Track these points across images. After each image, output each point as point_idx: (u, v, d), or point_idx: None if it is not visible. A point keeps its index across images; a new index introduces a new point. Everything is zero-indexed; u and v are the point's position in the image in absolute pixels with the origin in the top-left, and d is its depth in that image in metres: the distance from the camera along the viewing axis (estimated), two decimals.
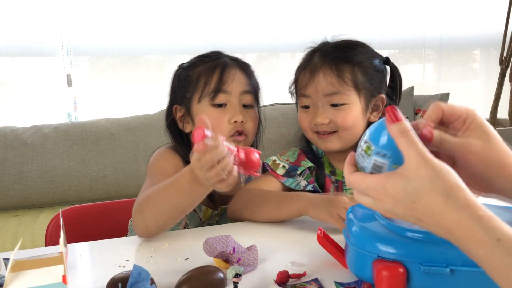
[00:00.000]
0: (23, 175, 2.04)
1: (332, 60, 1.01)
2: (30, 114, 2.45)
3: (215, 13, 2.67)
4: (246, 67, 1.11)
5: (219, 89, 1.04)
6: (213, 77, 1.04)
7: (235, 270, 0.66)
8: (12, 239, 1.80)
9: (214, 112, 1.04)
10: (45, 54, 2.50)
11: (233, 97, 1.05)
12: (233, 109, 1.04)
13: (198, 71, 1.07)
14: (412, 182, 0.51)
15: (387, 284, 0.57)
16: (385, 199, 0.54)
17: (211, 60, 1.08)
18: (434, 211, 0.51)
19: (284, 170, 1.07)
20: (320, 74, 1.01)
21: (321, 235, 0.73)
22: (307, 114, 1.05)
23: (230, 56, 1.12)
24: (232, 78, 1.05)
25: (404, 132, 0.53)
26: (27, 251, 0.86)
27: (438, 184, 0.50)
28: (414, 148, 0.52)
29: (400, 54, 3.24)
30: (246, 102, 1.07)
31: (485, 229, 0.48)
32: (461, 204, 0.50)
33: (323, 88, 1.00)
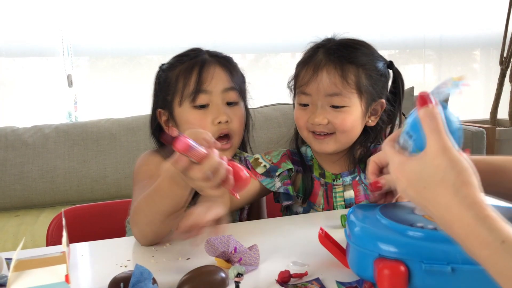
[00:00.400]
0: (24, 175, 2.04)
1: (337, 59, 0.98)
2: (30, 114, 2.45)
3: (215, 13, 2.67)
4: (228, 62, 1.05)
5: (199, 89, 0.99)
6: (192, 77, 0.99)
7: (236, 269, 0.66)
8: (13, 239, 1.80)
9: (196, 115, 1.00)
10: (45, 54, 2.50)
11: (215, 96, 1.00)
12: (216, 109, 1.00)
13: (176, 72, 1.02)
14: (427, 168, 0.52)
15: (388, 283, 0.57)
16: (401, 178, 0.55)
17: (189, 59, 1.03)
18: (441, 203, 0.51)
19: (264, 170, 1.05)
20: (324, 72, 0.97)
21: (323, 234, 0.73)
22: (305, 112, 1.01)
23: (210, 52, 1.07)
24: (211, 76, 1.00)
25: (430, 116, 0.54)
26: (30, 251, 0.86)
27: (451, 176, 0.51)
28: (437, 134, 0.53)
29: (400, 54, 3.24)
30: (230, 100, 1.03)
31: (489, 230, 0.47)
32: (468, 202, 0.49)
33: (325, 88, 0.97)
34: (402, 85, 1.07)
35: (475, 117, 3.09)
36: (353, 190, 1.07)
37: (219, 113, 1.00)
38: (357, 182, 1.07)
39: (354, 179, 1.07)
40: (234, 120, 1.02)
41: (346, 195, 1.06)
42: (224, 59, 1.06)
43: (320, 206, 1.06)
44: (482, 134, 2.47)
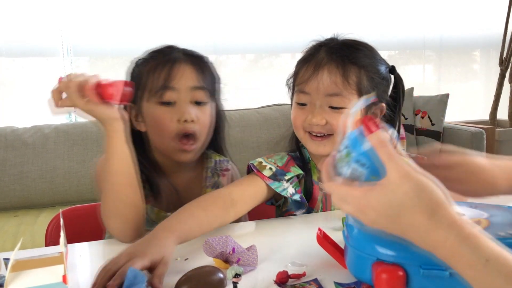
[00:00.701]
0: (23, 175, 2.04)
1: (339, 58, 0.95)
2: (30, 115, 2.45)
3: (215, 13, 2.67)
4: (201, 61, 1.04)
5: (166, 86, 0.98)
6: (161, 74, 0.98)
7: (234, 270, 0.66)
8: (12, 239, 1.80)
9: (161, 111, 0.99)
10: (45, 54, 2.51)
11: (182, 94, 0.99)
12: (182, 108, 0.99)
13: (146, 68, 1.01)
14: (396, 196, 0.51)
15: (386, 286, 0.57)
16: (367, 210, 0.53)
17: (162, 56, 1.02)
18: (419, 228, 0.50)
19: (271, 172, 1.00)
20: (325, 71, 0.95)
21: (321, 235, 0.73)
22: (302, 111, 0.98)
23: (185, 50, 1.06)
24: (180, 74, 0.99)
25: (381, 142, 0.52)
26: (27, 251, 0.86)
27: (422, 200, 0.50)
28: (396, 160, 0.51)
29: (400, 55, 3.24)
30: (198, 99, 1.01)
31: (473, 250, 0.47)
32: (446, 223, 0.49)
33: (325, 87, 0.94)
34: (403, 91, 1.05)
35: (475, 117, 3.09)
36: None
37: (184, 112, 0.98)
38: None
39: None
40: (201, 120, 1.01)
41: None
42: (198, 58, 1.05)
43: (318, 211, 1.05)
44: (481, 135, 2.47)
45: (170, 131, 0.99)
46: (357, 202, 0.54)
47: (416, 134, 2.62)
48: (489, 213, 0.67)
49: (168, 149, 1.02)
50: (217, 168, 1.11)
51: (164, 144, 1.01)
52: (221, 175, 1.10)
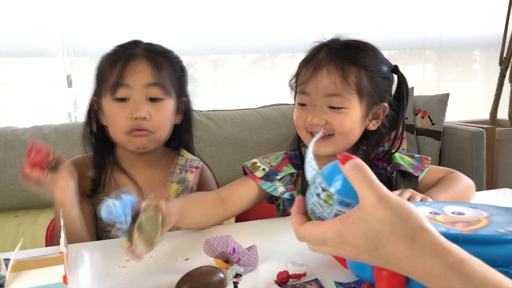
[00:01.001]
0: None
1: (339, 59, 0.96)
2: (30, 115, 2.45)
3: (215, 13, 2.67)
4: (160, 56, 1.04)
5: (119, 82, 0.99)
6: (115, 70, 0.99)
7: (235, 270, 0.67)
8: (13, 239, 1.80)
9: (115, 107, 1.00)
10: (45, 54, 2.50)
11: (136, 91, 0.99)
12: (134, 104, 0.99)
13: (105, 64, 1.03)
14: (372, 225, 0.46)
15: (387, 284, 0.57)
16: (346, 247, 0.49)
17: (124, 50, 1.03)
18: (400, 258, 0.46)
19: (263, 173, 1.01)
20: (324, 71, 0.95)
21: None
22: (304, 112, 0.99)
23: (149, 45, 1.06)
24: (134, 71, 0.99)
25: (355, 167, 0.48)
26: (28, 251, 0.86)
27: (400, 227, 0.46)
28: (368, 185, 0.47)
29: (400, 54, 3.24)
30: (153, 95, 1.01)
31: (460, 278, 0.44)
32: (428, 250, 0.45)
33: (324, 87, 0.95)
34: (407, 91, 1.04)
35: (475, 117, 3.08)
36: None
37: (136, 109, 0.99)
38: None
39: None
40: (154, 116, 1.01)
41: None
42: (158, 53, 1.05)
43: None
44: (481, 135, 2.47)
45: (123, 127, 1.00)
46: (333, 241, 0.49)
47: (416, 133, 2.62)
48: (489, 212, 0.68)
49: (120, 141, 1.04)
50: (186, 165, 1.12)
51: (118, 139, 1.04)
52: (189, 171, 1.11)
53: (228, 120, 2.34)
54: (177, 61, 1.10)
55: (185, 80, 1.12)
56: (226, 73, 2.87)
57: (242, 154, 2.25)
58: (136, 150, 1.03)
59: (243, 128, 2.32)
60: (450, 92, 2.62)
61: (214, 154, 2.26)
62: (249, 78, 2.88)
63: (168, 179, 1.11)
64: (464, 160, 2.50)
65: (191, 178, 1.11)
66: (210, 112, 2.37)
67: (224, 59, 2.85)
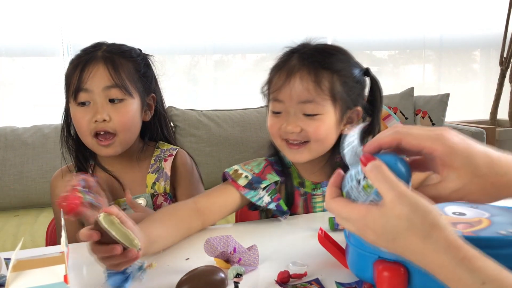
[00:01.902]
0: (23, 175, 2.04)
1: (311, 64, 0.94)
2: (30, 114, 2.45)
3: (215, 13, 2.67)
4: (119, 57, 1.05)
5: (79, 87, 1.01)
6: (74, 75, 1.02)
7: (236, 270, 0.67)
8: (13, 239, 1.80)
9: (78, 112, 1.02)
10: (45, 54, 2.50)
11: (95, 94, 1.01)
12: (94, 108, 1.01)
13: (70, 68, 1.05)
14: (390, 220, 0.51)
15: (388, 285, 0.57)
16: (367, 231, 0.53)
17: (85, 54, 1.04)
18: (415, 251, 0.50)
19: (246, 181, 0.99)
20: (297, 77, 0.93)
21: (322, 235, 0.73)
22: (278, 119, 0.96)
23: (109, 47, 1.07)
24: (92, 75, 1.00)
25: (373, 169, 0.53)
26: (28, 251, 0.86)
27: (416, 223, 0.49)
28: (388, 183, 0.51)
29: (400, 54, 3.24)
30: (112, 97, 1.01)
31: (469, 272, 0.47)
32: (442, 246, 0.48)
33: (298, 94, 0.93)
34: (380, 93, 1.03)
35: (475, 117, 3.09)
36: None
37: (97, 112, 1.00)
38: None
39: None
40: (116, 118, 1.01)
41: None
42: (119, 54, 1.05)
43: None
44: (482, 135, 2.47)
45: (87, 131, 1.02)
46: (356, 222, 0.54)
47: None
48: (490, 213, 0.68)
49: (89, 146, 1.06)
50: (161, 155, 1.15)
51: (86, 142, 1.06)
52: (163, 160, 1.14)
53: (228, 120, 2.34)
54: (140, 59, 1.10)
55: (152, 77, 1.12)
56: (227, 73, 2.87)
57: (242, 154, 2.25)
58: (103, 155, 1.07)
59: (244, 128, 2.32)
60: (450, 92, 2.62)
61: (214, 153, 2.26)
62: (249, 78, 2.88)
63: (148, 170, 1.13)
64: None
65: (167, 166, 1.14)
66: (211, 112, 2.37)
67: (225, 59, 2.85)
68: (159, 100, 1.15)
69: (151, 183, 1.11)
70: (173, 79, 2.69)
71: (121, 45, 1.10)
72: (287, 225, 0.97)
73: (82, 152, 1.11)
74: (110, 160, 1.10)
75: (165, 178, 1.12)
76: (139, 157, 1.13)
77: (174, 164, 1.14)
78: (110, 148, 1.03)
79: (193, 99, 2.77)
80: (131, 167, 1.12)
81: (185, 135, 2.27)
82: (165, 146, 1.17)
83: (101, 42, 1.09)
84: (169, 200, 1.13)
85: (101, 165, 1.10)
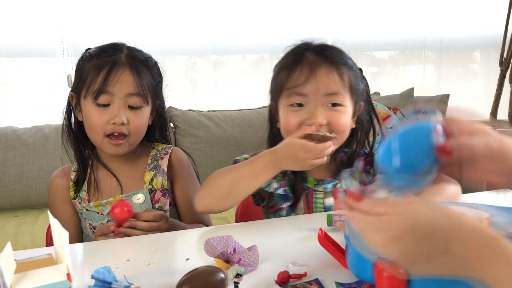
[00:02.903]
0: (23, 176, 2.04)
1: (329, 58, 0.98)
2: (30, 115, 2.45)
3: (215, 13, 2.67)
4: (142, 65, 1.08)
5: (102, 90, 1.02)
6: (99, 76, 1.03)
7: (236, 270, 0.67)
8: (13, 239, 1.80)
9: (95, 111, 1.04)
10: (45, 54, 2.50)
11: (117, 98, 1.03)
12: (115, 111, 1.03)
13: (89, 66, 1.05)
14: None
15: (387, 285, 0.57)
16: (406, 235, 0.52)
17: (106, 56, 1.05)
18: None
19: None
20: (322, 71, 0.96)
21: (322, 235, 0.73)
22: (299, 114, 0.98)
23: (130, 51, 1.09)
24: (117, 80, 1.03)
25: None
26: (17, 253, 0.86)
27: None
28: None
29: (400, 55, 3.24)
30: (132, 104, 1.05)
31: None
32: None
33: (325, 86, 0.96)
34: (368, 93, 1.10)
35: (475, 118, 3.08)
36: (333, 197, 1.06)
37: (117, 115, 1.03)
38: (338, 190, 1.06)
39: (335, 186, 1.06)
40: (132, 123, 1.05)
41: (326, 202, 1.06)
42: (140, 61, 1.08)
43: (301, 211, 1.06)
44: None
45: (100, 130, 1.04)
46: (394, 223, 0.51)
47: None
48: (490, 213, 0.68)
49: (98, 144, 1.09)
50: (157, 155, 1.17)
51: (95, 139, 1.08)
52: (160, 159, 1.16)
53: (228, 121, 2.34)
54: (156, 69, 1.13)
55: (161, 86, 1.17)
56: (226, 73, 2.87)
57: (242, 154, 2.24)
58: (110, 153, 1.09)
59: (243, 128, 2.32)
60: (450, 93, 2.62)
61: (214, 154, 2.26)
62: (249, 79, 2.88)
63: (145, 170, 1.16)
64: None
65: (163, 163, 1.16)
66: (211, 113, 2.37)
67: (224, 59, 2.85)
68: (162, 104, 1.18)
69: (148, 179, 1.14)
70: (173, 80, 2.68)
71: (140, 51, 1.13)
72: (287, 225, 0.97)
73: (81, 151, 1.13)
74: (108, 158, 1.13)
75: (162, 174, 1.15)
76: (136, 156, 1.16)
77: (170, 161, 1.17)
78: (120, 147, 1.06)
79: (193, 99, 2.77)
80: (128, 165, 1.15)
81: (185, 135, 2.27)
82: (160, 146, 1.20)
83: (120, 43, 1.10)
84: (167, 196, 1.15)
85: (102, 163, 1.12)
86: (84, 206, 1.11)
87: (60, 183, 1.14)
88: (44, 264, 0.56)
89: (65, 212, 1.12)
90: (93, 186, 1.12)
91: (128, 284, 0.64)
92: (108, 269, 0.64)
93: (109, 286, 0.63)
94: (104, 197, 1.11)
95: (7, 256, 0.51)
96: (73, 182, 1.13)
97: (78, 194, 1.12)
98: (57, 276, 0.52)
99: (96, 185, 1.12)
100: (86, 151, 1.14)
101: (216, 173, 1.00)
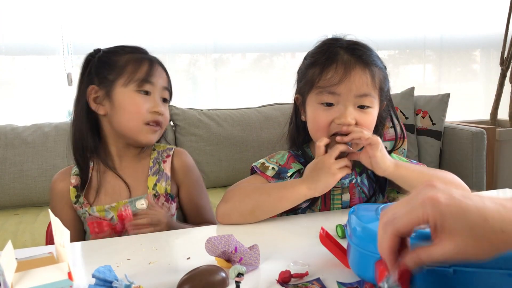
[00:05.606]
0: (23, 174, 2.04)
1: (363, 59, 0.98)
2: (30, 113, 2.45)
3: (215, 13, 2.67)
4: (164, 66, 1.17)
5: (147, 79, 1.09)
6: (142, 67, 1.10)
7: (237, 269, 0.66)
8: (13, 237, 1.80)
9: (138, 98, 1.08)
10: (45, 53, 2.50)
11: (157, 90, 1.11)
12: (156, 100, 1.11)
13: (125, 58, 1.11)
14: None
15: None
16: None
17: (139, 53, 1.14)
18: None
19: (274, 172, 1.05)
20: (357, 72, 0.96)
21: (324, 234, 0.73)
22: (329, 112, 0.98)
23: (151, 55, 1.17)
24: (157, 73, 1.12)
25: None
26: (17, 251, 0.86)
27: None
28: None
29: (400, 54, 3.24)
30: (164, 97, 1.14)
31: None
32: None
33: (358, 88, 0.96)
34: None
35: (475, 117, 3.09)
36: (349, 193, 1.07)
37: (158, 104, 1.10)
38: (353, 185, 1.07)
39: (351, 181, 1.07)
40: (165, 114, 1.13)
41: (344, 197, 1.06)
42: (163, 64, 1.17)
43: (317, 207, 1.07)
44: (482, 135, 2.47)
45: (142, 116, 1.08)
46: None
47: (417, 133, 2.62)
48: None
49: (135, 129, 1.09)
50: (159, 157, 1.18)
51: (133, 126, 1.09)
52: (162, 162, 1.17)
53: (229, 119, 2.34)
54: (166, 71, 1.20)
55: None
56: (227, 72, 2.86)
57: (242, 153, 2.24)
58: (144, 141, 1.11)
59: (244, 127, 2.32)
60: (450, 92, 2.62)
61: (214, 153, 2.26)
62: (249, 77, 2.88)
63: (148, 173, 1.16)
64: (465, 160, 2.50)
65: (165, 166, 1.17)
66: (211, 111, 2.37)
67: (225, 58, 2.85)
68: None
69: (152, 184, 1.13)
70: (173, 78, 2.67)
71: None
72: (288, 225, 0.97)
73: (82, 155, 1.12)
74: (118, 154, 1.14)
75: (166, 179, 1.14)
76: (138, 158, 1.16)
77: (172, 164, 1.17)
78: (155, 134, 1.12)
79: (193, 98, 2.76)
80: (132, 167, 1.15)
81: (185, 134, 2.27)
82: (161, 147, 1.20)
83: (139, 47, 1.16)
84: (170, 201, 1.14)
85: (109, 165, 1.12)
86: (88, 210, 1.09)
87: (62, 188, 1.13)
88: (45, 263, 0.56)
89: (65, 214, 1.11)
90: (94, 190, 1.11)
91: (129, 283, 0.64)
92: (109, 268, 0.64)
93: (109, 285, 0.63)
94: (108, 201, 1.10)
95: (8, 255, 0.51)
96: (73, 186, 1.12)
97: (78, 200, 1.11)
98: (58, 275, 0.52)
99: (97, 188, 1.11)
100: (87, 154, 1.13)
101: (242, 189, 1.02)
